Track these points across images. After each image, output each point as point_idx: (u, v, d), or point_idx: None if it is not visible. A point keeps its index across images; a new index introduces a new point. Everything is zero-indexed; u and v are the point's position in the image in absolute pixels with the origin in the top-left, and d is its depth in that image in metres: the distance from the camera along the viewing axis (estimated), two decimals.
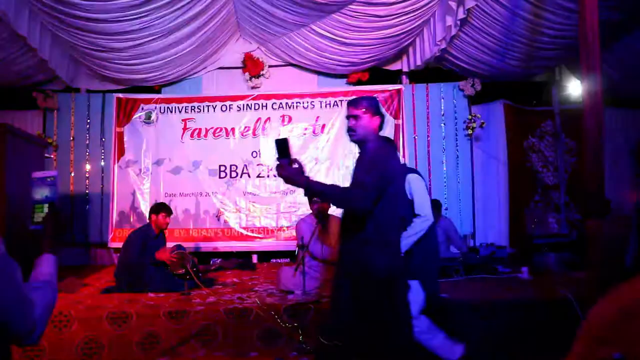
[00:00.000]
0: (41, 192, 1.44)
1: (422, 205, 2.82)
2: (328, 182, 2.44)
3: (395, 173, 2.24)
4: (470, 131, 5.82)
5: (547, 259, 4.64)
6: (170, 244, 4.34)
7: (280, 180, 2.11)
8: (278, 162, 2.04)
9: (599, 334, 0.92)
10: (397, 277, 2.18)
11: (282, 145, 2.05)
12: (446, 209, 5.71)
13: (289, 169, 2.03)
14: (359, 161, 2.28)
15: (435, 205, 5.17)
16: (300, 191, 2.24)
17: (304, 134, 6.03)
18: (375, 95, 2.43)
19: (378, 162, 2.16)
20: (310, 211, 4.10)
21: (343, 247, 2.29)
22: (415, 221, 2.78)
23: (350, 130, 2.27)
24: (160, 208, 4.27)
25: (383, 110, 2.44)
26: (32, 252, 1.29)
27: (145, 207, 5.83)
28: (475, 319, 3.23)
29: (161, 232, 4.29)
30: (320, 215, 3.93)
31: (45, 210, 1.39)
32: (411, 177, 2.86)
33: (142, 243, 4.02)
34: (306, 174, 2.08)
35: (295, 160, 2.07)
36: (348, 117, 2.28)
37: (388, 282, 2.14)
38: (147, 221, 4.35)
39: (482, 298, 3.43)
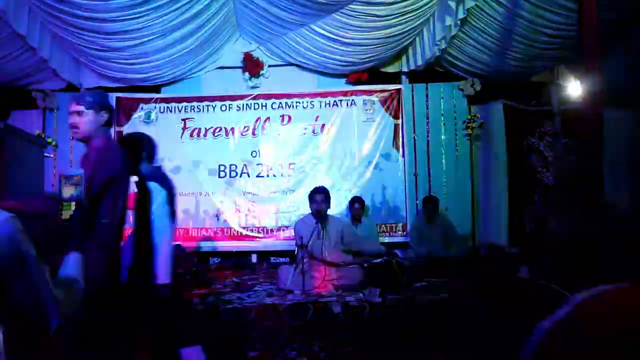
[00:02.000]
0: (69, 191, 1.45)
1: (160, 221, 2.47)
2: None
3: (116, 175, 2.10)
4: (469, 131, 5.81)
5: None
6: None
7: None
8: None
9: None
10: (98, 289, 1.97)
11: None
12: (446, 209, 5.70)
13: None
14: (81, 161, 2.15)
15: (432, 202, 5.18)
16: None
17: (304, 133, 6.02)
18: (101, 91, 2.32)
19: (95, 162, 2.05)
20: (310, 211, 4.09)
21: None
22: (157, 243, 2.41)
23: (73, 127, 2.16)
24: None
25: (112, 104, 2.25)
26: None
27: None
28: (474, 319, 3.23)
29: None
30: (319, 215, 3.93)
31: (73, 208, 1.41)
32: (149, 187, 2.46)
33: None
34: None
35: None
36: (71, 113, 2.15)
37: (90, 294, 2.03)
38: None
39: (481, 297, 3.42)
